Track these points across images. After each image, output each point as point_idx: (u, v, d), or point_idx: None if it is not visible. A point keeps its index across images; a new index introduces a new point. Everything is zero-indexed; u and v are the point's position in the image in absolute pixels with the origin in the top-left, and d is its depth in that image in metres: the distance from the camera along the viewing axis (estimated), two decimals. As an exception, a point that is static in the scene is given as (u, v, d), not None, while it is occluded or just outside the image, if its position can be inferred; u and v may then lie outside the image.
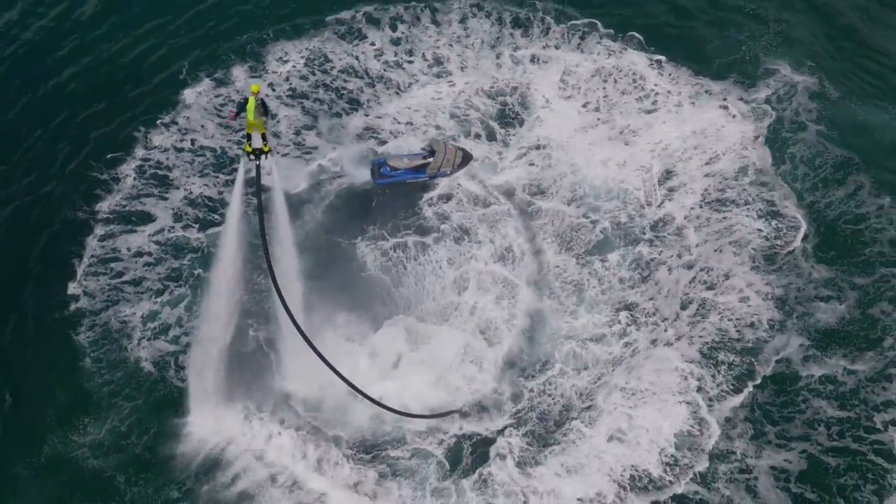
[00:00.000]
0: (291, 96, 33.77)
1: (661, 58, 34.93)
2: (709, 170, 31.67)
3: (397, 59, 35.35)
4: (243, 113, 21.21)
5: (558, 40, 35.68)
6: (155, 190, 30.67)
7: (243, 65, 34.79)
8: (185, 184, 30.90)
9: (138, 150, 31.66)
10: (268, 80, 34.47)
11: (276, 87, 34.15)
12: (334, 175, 31.34)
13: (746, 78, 34.75)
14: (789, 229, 29.85)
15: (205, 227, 29.71)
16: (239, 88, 34.01)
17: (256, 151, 21.40)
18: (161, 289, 28.21)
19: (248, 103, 20.93)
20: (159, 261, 28.88)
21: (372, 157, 31.64)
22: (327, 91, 34.18)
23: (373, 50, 35.55)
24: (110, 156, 31.31)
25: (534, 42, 35.70)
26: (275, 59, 35.09)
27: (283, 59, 35.01)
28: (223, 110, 33.40)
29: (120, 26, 36.16)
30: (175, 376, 26.37)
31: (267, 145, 21.44)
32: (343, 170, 31.41)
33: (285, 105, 33.34)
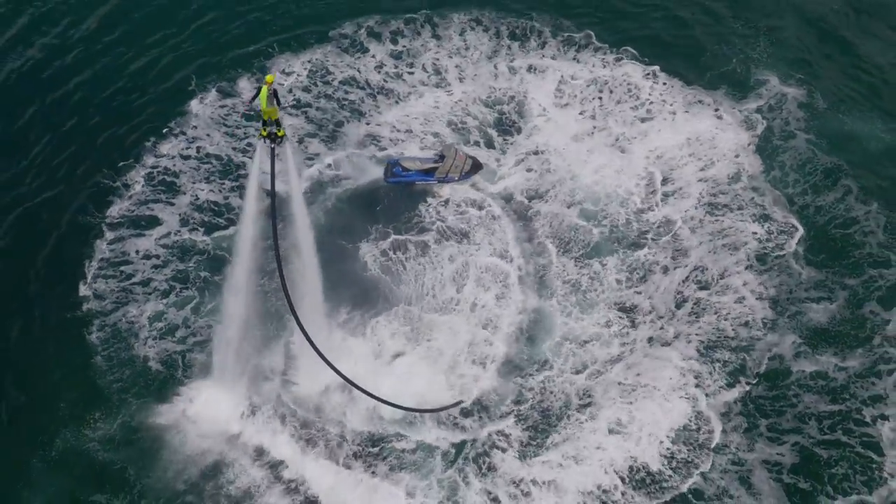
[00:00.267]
0: (295, 106, 34.71)
1: (654, 68, 36.06)
2: (703, 175, 32.59)
3: (398, 70, 36.41)
4: (257, 100, 22.33)
5: (554, 52, 36.83)
6: (163, 195, 31.62)
7: (250, 77, 35.89)
8: (191, 190, 31.84)
9: (147, 157, 32.71)
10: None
11: (280, 97, 34.92)
12: (335, 179, 32.24)
13: (738, 89, 35.87)
14: (781, 233, 30.69)
15: (210, 230, 30.61)
16: (244, 100, 35.04)
17: (271, 135, 22.60)
18: (168, 290, 28.99)
19: (261, 92, 22.15)
20: (166, 263, 29.69)
21: (371, 161, 32.70)
22: (329, 101, 35.18)
23: (374, 62, 36.65)
24: (121, 163, 32.41)
25: (530, 53, 36.85)
26: (279, 72, 36.11)
27: (287, 72, 36.03)
28: (228, 120, 34.41)
29: (130, 40, 37.41)
30: (182, 374, 27.10)
31: (282, 130, 22.67)
32: (345, 174, 32.36)
33: (289, 115, 34.21)
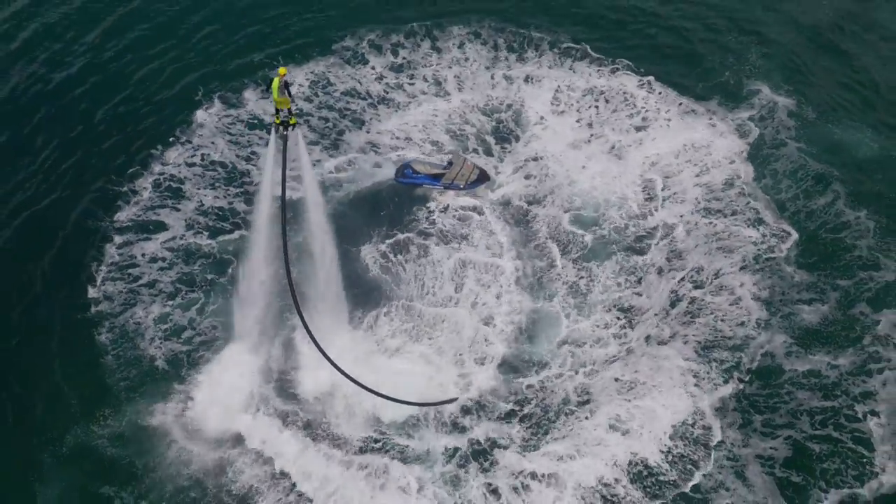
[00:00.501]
0: (297, 115, 35.42)
1: (649, 79, 37.11)
2: (698, 181, 33.42)
3: (398, 81, 37.40)
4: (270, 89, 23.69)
5: (551, 62, 37.90)
6: (169, 201, 32.40)
7: (254, 88, 36.90)
8: (196, 196, 32.64)
9: (154, 165, 33.59)
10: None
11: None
12: (336, 183, 33.08)
13: (730, 99, 36.89)
14: (774, 236, 31.42)
15: (215, 235, 31.38)
16: (249, 109, 36.06)
17: (284, 123, 24.11)
18: (174, 292, 29.64)
19: (273, 83, 23.56)
20: (172, 266, 30.37)
21: (371, 167, 33.82)
22: (331, 111, 36.09)
23: (374, 73, 37.67)
24: (129, 170, 33.34)
25: (527, 64, 37.92)
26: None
27: (289, 82, 36.73)
28: (232, 129, 35.33)
29: (137, 52, 38.56)
30: (187, 374, 27.67)
31: (293, 119, 24.06)
32: (347, 178, 33.26)
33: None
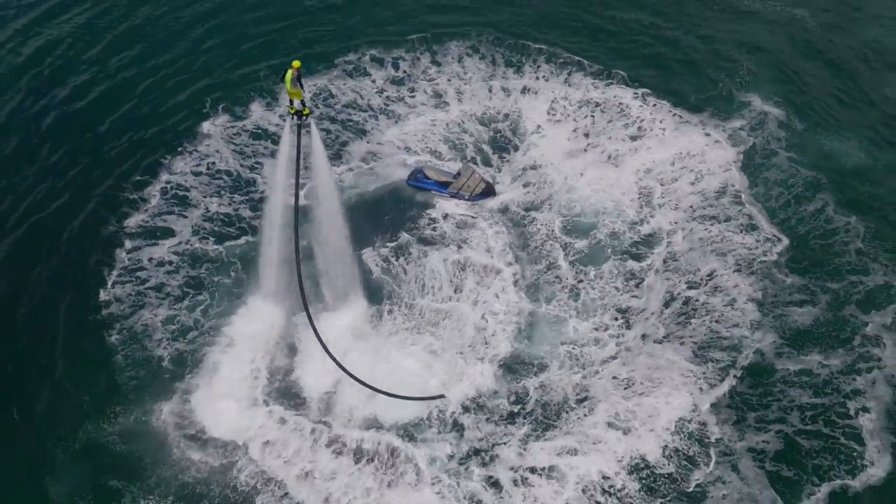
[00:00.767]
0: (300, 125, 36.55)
1: (644, 90, 38.26)
2: (692, 189, 34.39)
3: (399, 94, 38.49)
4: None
5: (547, 75, 39.02)
6: (176, 208, 33.36)
7: (260, 101, 38.07)
8: (202, 203, 33.60)
9: (163, 174, 34.64)
10: (278, 112, 37.59)
11: (285, 118, 37.01)
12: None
13: (722, 110, 37.99)
14: (767, 242, 32.27)
15: (221, 240, 32.27)
16: (254, 120, 37.19)
17: (298, 113, 25.90)
18: (181, 295, 30.43)
19: (286, 74, 25.01)
20: (179, 270, 31.20)
21: (371, 174, 35.01)
22: (333, 123, 37.16)
23: (375, 86, 38.82)
24: (138, 179, 34.41)
25: (524, 77, 39.09)
26: (287, 94, 37.86)
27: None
28: (237, 139, 36.43)
29: (145, 66, 39.87)
30: (193, 373, 28.35)
31: (307, 109, 26.05)
32: (350, 184, 34.33)
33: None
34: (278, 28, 42.02)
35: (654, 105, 37.68)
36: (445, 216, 33.62)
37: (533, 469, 25.78)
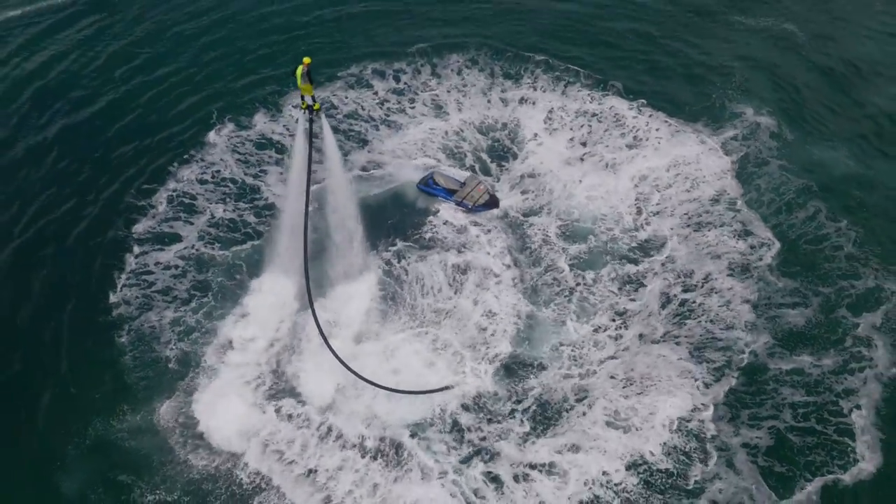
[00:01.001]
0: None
1: (639, 102, 39.25)
2: (687, 196, 35.24)
3: (400, 104, 39.44)
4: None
5: (545, 86, 40.04)
6: (182, 214, 34.18)
7: (265, 112, 39.08)
8: (208, 209, 34.41)
9: (170, 181, 35.55)
10: (282, 122, 38.53)
11: (289, 128, 38.04)
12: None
13: (715, 120, 38.97)
14: (760, 247, 33.07)
15: (226, 245, 33.09)
16: (258, 130, 38.11)
17: (309, 108, 27.49)
18: (187, 298, 31.16)
19: (297, 71, 26.17)
20: (186, 274, 31.96)
21: (372, 181, 35.90)
22: (335, 133, 37.65)
23: (377, 97, 39.81)
24: (146, 186, 35.42)
25: (522, 88, 40.09)
26: (291, 106, 39.13)
27: (296, 105, 38.90)
28: (241, 148, 37.31)
29: (153, 77, 41.08)
30: (198, 374, 29.03)
31: (317, 104, 27.62)
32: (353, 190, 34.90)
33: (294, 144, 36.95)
34: (282, 40, 43.25)
35: (650, 115, 38.63)
36: (446, 222, 34.37)
37: (534, 466, 26.38)
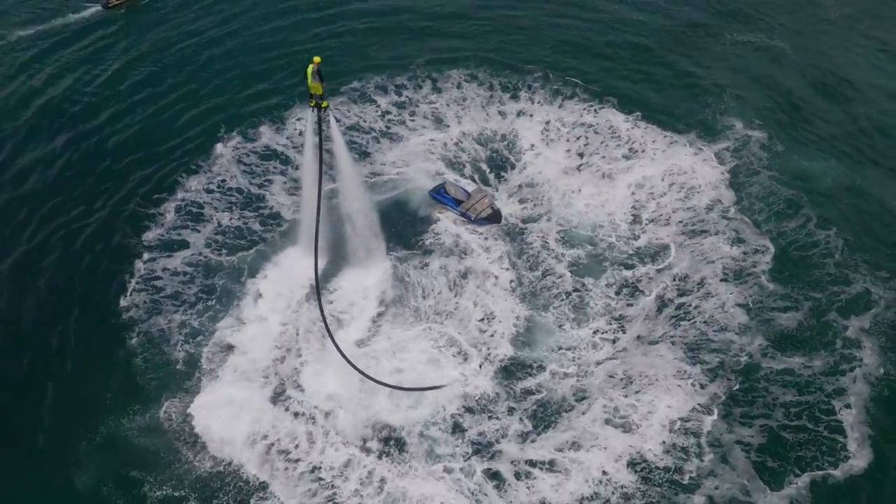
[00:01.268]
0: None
1: (634, 115, 40.48)
2: (682, 204, 36.34)
3: (400, 117, 40.69)
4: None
5: (542, 100, 41.30)
6: (190, 223, 35.27)
7: (270, 125, 40.36)
8: (215, 217, 35.50)
9: (178, 191, 36.78)
10: (286, 134, 39.68)
11: (293, 139, 39.18)
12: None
13: (707, 133, 40.23)
14: (754, 253, 34.05)
15: (232, 251, 34.12)
16: (263, 142, 39.31)
17: (318, 105, 28.47)
18: (194, 302, 32.08)
19: (308, 70, 27.33)
20: (193, 279, 32.92)
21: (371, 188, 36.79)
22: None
23: (378, 110, 41.04)
24: (155, 196, 36.71)
25: (520, 101, 41.38)
26: (294, 119, 40.38)
27: (300, 118, 40.12)
28: (247, 160, 38.54)
29: (161, 90, 42.77)
30: (205, 375, 29.78)
31: (326, 102, 28.60)
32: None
33: (299, 154, 37.99)
34: (285, 54, 44.76)
35: (645, 127, 39.84)
36: (446, 230, 35.34)
37: (534, 463, 27.07)
